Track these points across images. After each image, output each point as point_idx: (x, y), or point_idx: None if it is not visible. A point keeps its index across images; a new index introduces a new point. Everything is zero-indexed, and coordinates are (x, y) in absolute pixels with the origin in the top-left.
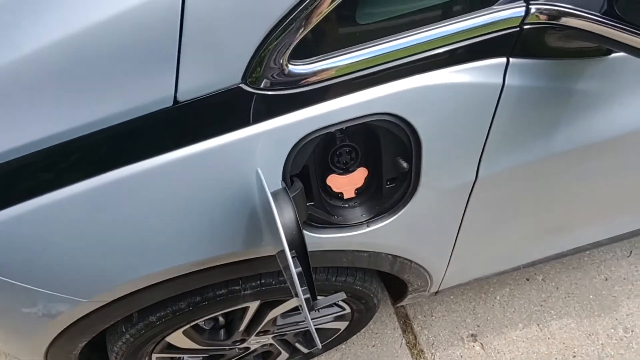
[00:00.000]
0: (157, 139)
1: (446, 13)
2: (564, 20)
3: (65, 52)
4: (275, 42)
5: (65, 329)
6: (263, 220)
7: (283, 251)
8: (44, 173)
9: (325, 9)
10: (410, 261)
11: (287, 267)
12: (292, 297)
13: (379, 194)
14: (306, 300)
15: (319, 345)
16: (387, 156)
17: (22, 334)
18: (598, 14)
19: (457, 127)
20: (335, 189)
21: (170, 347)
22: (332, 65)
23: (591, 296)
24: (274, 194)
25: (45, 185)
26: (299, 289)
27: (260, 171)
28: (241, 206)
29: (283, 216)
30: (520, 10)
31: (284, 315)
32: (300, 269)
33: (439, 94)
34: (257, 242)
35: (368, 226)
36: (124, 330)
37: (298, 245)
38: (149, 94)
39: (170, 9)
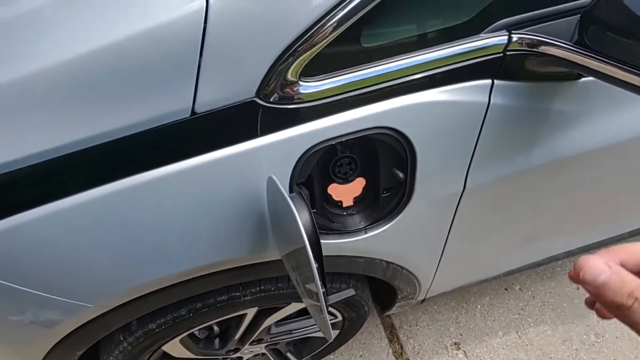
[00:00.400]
0: (172, 148)
1: (439, 39)
2: (542, 49)
3: (92, 64)
4: (288, 61)
5: (64, 337)
6: (272, 224)
7: (292, 253)
8: (62, 178)
9: (333, 32)
10: (402, 267)
11: (304, 264)
12: (288, 304)
13: (376, 203)
14: (323, 293)
15: (332, 338)
16: (384, 167)
17: (19, 343)
18: (571, 44)
19: (449, 141)
20: (335, 198)
21: (165, 357)
22: (338, 83)
23: (565, 304)
24: (291, 198)
25: (60, 191)
26: (318, 283)
27: (274, 177)
28: (249, 212)
29: (301, 217)
30: (503, 38)
31: (278, 323)
32: (317, 265)
33: (433, 111)
34: (263, 246)
35: (366, 233)
36: (121, 338)
37: (314, 243)
38: (169, 105)
39: (194, 28)
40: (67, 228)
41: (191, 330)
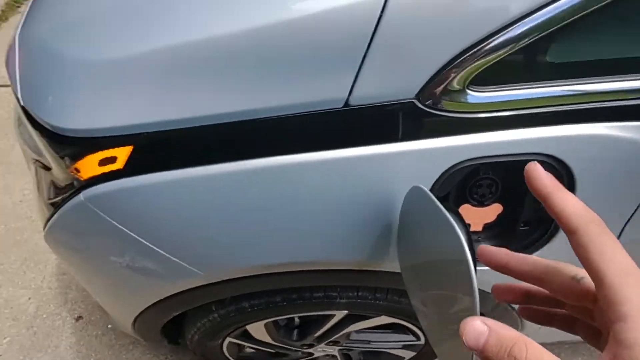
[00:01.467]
0: (319, 136)
1: (632, 67)
2: None
3: (263, 38)
4: (460, 65)
5: (167, 298)
6: (403, 234)
7: (425, 268)
8: (208, 146)
9: (520, 42)
10: (513, 309)
11: (439, 282)
12: (379, 315)
13: (509, 234)
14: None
15: None
16: (530, 198)
17: (130, 291)
18: None
19: (614, 184)
20: (465, 220)
21: (245, 335)
22: (509, 98)
23: None
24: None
25: (204, 158)
26: (477, 305)
27: (424, 187)
28: (377, 217)
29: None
30: None
31: (359, 331)
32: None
33: (604, 146)
34: (380, 255)
35: None
36: (213, 309)
37: (473, 262)
38: (325, 92)
39: (368, 15)
40: (202, 196)
41: (279, 317)
